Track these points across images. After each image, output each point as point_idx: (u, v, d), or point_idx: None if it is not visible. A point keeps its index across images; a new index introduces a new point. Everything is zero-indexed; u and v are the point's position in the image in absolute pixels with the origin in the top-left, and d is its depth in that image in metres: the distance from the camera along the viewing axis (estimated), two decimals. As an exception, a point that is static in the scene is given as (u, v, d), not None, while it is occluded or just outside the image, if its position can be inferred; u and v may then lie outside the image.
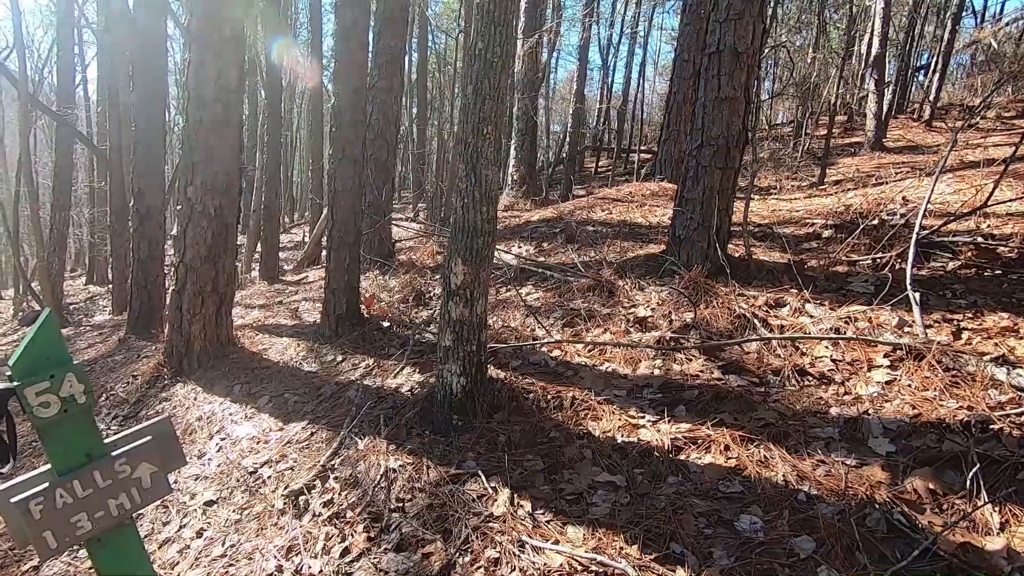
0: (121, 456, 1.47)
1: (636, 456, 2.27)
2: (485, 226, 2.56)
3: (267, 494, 2.47)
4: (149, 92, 5.15)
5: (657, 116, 21.96)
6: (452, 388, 2.62)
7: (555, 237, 5.24)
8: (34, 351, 1.36)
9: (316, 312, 4.78)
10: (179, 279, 3.62)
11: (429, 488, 2.26)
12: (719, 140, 3.67)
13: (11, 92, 22.39)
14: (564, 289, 3.91)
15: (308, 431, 2.88)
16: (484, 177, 2.54)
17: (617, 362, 2.98)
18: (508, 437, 2.48)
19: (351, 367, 3.48)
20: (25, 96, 8.75)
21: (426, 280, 4.68)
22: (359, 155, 3.64)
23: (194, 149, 3.46)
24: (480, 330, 2.64)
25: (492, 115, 2.52)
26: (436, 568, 1.89)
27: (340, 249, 3.74)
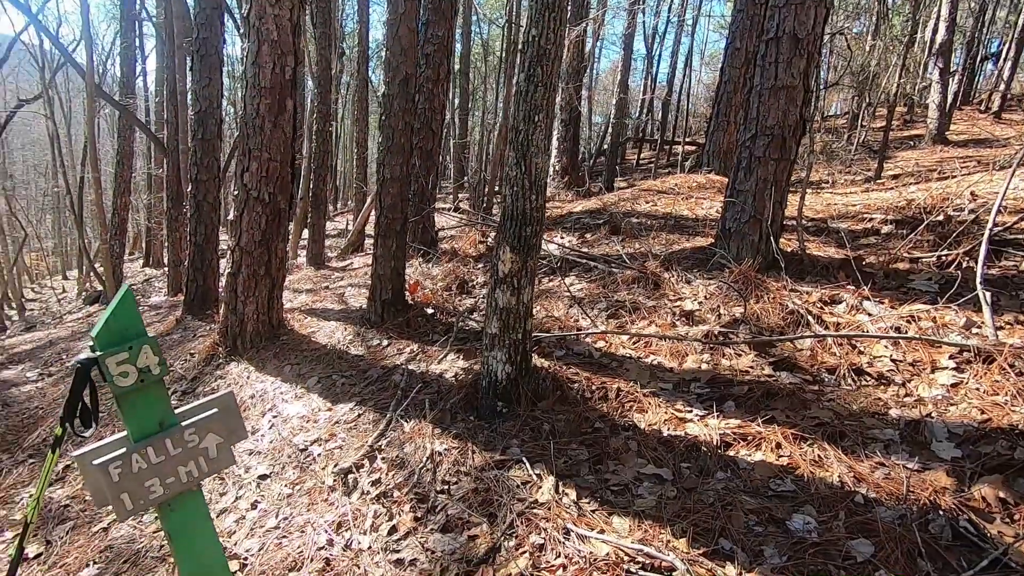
0: (191, 426, 1.55)
1: (683, 450, 2.24)
2: (534, 214, 2.56)
3: (317, 471, 2.56)
4: (206, 82, 5.34)
5: (702, 107, 21.39)
6: (497, 375, 2.64)
7: (598, 228, 5.19)
8: (115, 323, 1.44)
9: (361, 297, 4.89)
10: (234, 262, 3.76)
11: (474, 472, 2.29)
12: (774, 130, 3.55)
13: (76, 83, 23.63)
14: (608, 280, 3.87)
15: (356, 412, 2.96)
16: (534, 165, 2.53)
17: (663, 355, 2.94)
18: (552, 426, 2.49)
19: (396, 352, 3.55)
20: (92, 87, 9.19)
21: (469, 269, 4.71)
22: (407, 144, 3.69)
23: (250, 137, 3.57)
24: (526, 318, 2.64)
25: (544, 103, 2.51)
26: (482, 550, 1.92)
27: (387, 236, 3.80)
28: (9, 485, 3.15)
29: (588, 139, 20.09)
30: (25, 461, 3.38)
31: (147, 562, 2.27)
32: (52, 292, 21.36)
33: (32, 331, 11.28)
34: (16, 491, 3.07)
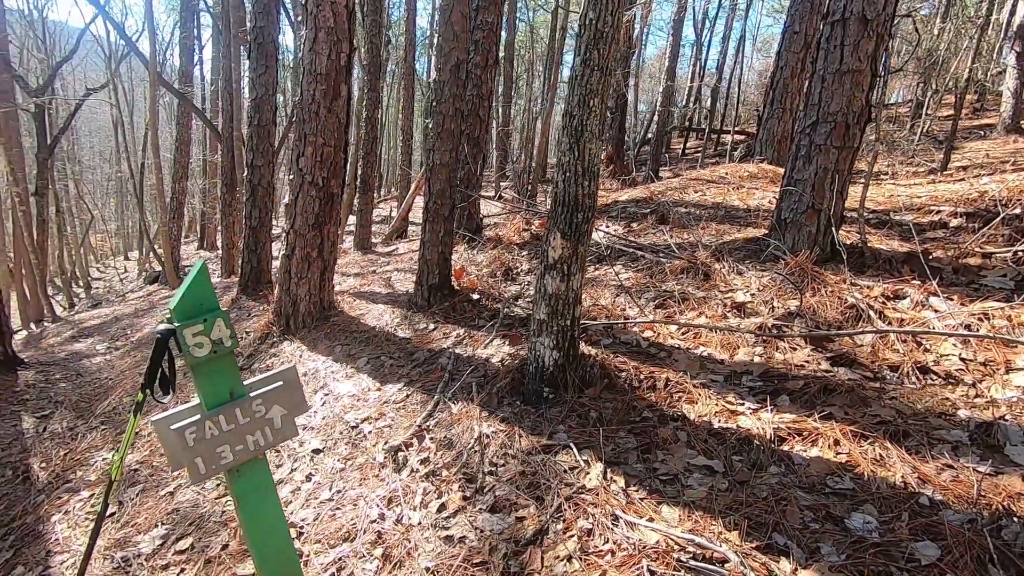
0: (258, 397, 1.62)
1: (734, 443, 2.20)
2: (586, 200, 2.54)
3: (368, 447, 2.63)
4: (262, 70, 5.50)
5: (752, 95, 20.66)
6: (544, 361, 2.65)
7: (645, 218, 5.11)
8: (190, 297, 1.51)
9: (407, 282, 4.98)
10: (289, 244, 3.89)
11: (521, 455, 2.31)
12: (837, 117, 3.40)
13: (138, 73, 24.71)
14: (656, 270, 3.81)
15: (404, 393, 3.03)
16: (588, 151, 2.51)
17: (713, 346, 2.88)
18: (600, 413, 2.48)
19: (442, 335, 3.60)
20: (154, 75, 9.61)
21: (513, 256, 4.72)
22: (456, 130, 3.71)
23: (306, 122, 3.67)
24: (575, 305, 2.63)
25: (599, 87, 2.48)
26: (529, 532, 1.94)
27: (435, 221, 3.85)
28: (84, 448, 3.37)
29: (632, 128, 19.73)
30: (98, 427, 3.61)
31: (210, 526, 2.39)
32: (115, 272, 22.63)
33: (98, 308, 11.99)
34: (90, 454, 3.28)
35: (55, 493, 2.97)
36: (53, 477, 3.16)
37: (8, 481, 3.23)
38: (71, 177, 23.28)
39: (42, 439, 3.65)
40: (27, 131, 15.21)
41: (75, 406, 4.04)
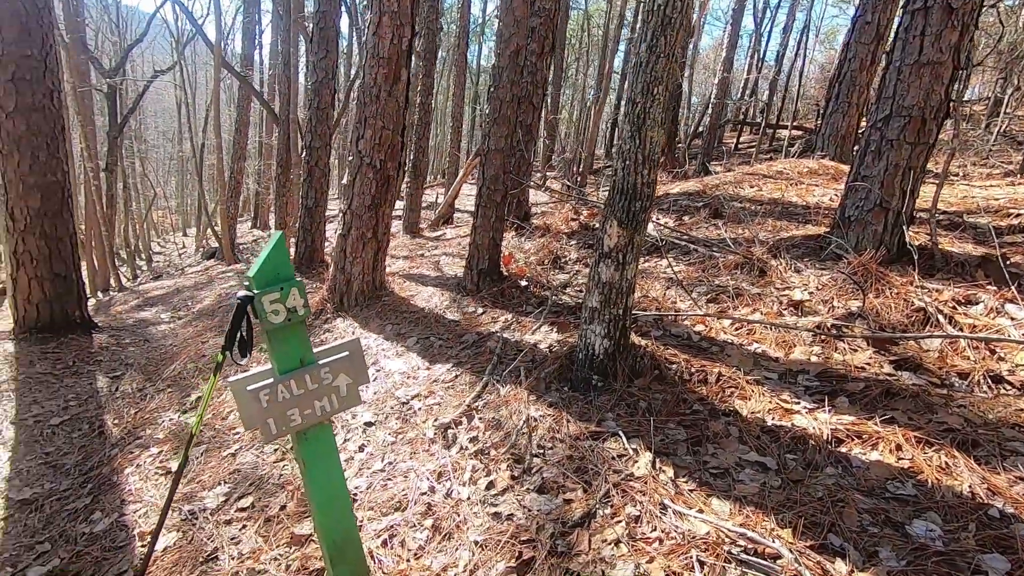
0: (326, 365, 1.69)
1: (788, 441, 2.16)
2: (645, 190, 2.52)
3: (418, 423, 2.71)
4: (323, 54, 5.64)
5: (811, 89, 19.77)
6: (595, 349, 2.65)
7: (698, 211, 5.01)
8: (269, 266, 1.59)
9: (455, 266, 5.05)
10: (345, 224, 4.00)
11: (569, 440, 2.33)
12: (913, 110, 3.23)
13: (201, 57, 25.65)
14: (709, 264, 3.75)
15: (453, 373, 3.09)
16: (649, 139, 2.48)
17: (767, 344, 2.82)
18: (649, 404, 2.47)
19: (490, 320, 3.65)
20: (219, 59, 9.99)
21: (562, 245, 4.72)
22: (512, 116, 3.72)
23: (366, 105, 3.75)
24: (628, 294, 2.62)
25: (664, 75, 2.44)
26: (577, 515, 1.96)
27: (487, 207, 3.89)
28: (152, 409, 3.59)
29: (684, 120, 19.25)
30: (164, 390, 3.83)
31: (269, 487, 2.52)
32: (174, 246, 23.79)
33: (160, 279, 12.64)
34: (158, 414, 3.49)
35: (127, 448, 3.19)
36: (125, 433, 3.38)
37: (85, 435, 3.48)
38: (137, 155, 24.47)
39: (114, 398, 3.90)
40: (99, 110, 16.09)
41: (143, 369, 4.30)
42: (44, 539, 2.56)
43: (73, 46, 11.10)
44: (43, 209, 4.61)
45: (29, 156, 4.47)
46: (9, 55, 4.28)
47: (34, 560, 2.42)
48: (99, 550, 2.36)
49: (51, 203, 4.65)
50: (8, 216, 4.60)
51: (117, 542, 2.38)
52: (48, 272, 4.69)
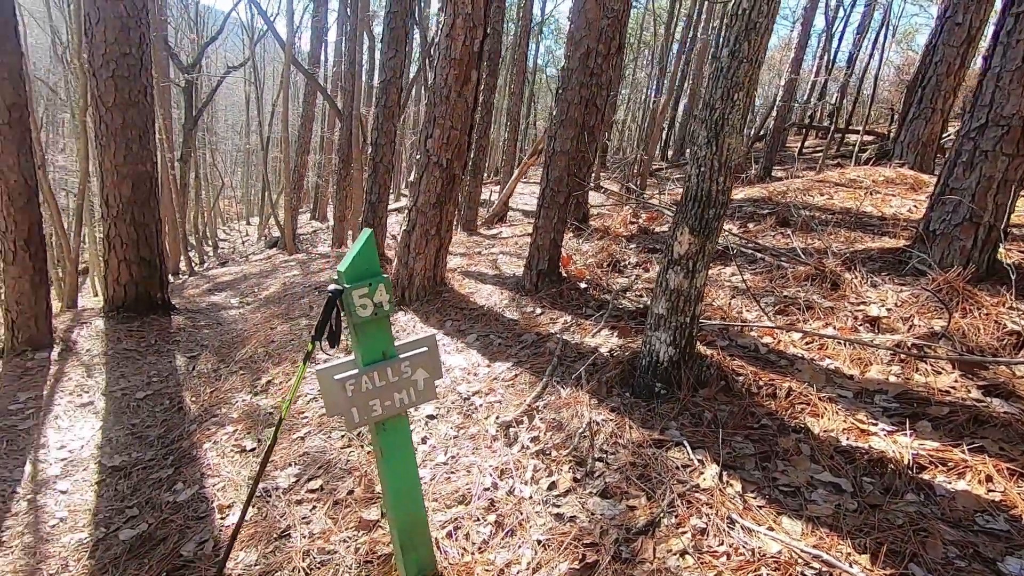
0: (406, 359, 1.75)
1: (865, 463, 2.07)
2: (720, 197, 2.47)
3: (479, 419, 2.76)
4: (392, 53, 5.80)
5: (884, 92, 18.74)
6: (659, 356, 2.63)
7: (764, 218, 4.86)
8: (359, 262, 1.66)
9: (513, 265, 5.10)
10: (410, 221, 4.11)
11: (631, 446, 2.33)
12: (1013, 120, 3.03)
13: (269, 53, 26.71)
14: (776, 274, 3.64)
15: (513, 372, 3.13)
16: (726, 146, 2.43)
17: (841, 360, 2.72)
18: (714, 415, 2.43)
19: (549, 321, 3.67)
20: (290, 56, 10.43)
21: (621, 248, 4.69)
22: (580, 118, 3.72)
23: (436, 105, 3.84)
24: (696, 303, 2.58)
25: (745, 81, 2.39)
26: (641, 522, 1.96)
27: (550, 208, 3.90)
28: (226, 389, 3.80)
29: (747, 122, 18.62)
30: (237, 372, 4.05)
31: (336, 471, 2.63)
32: (238, 234, 24.99)
33: (226, 266, 13.32)
34: (232, 395, 3.70)
35: (204, 425, 3.39)
36: (202, 411, 3.60)
37: (166, 409, 3.72)
38: (208, 146, 25.80)
39: (191, 376, 4.16)
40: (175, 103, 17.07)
41: (217, 351, 4.56)
42: (132, 504, 2.76)
43: (156, 43, 11.82)
44: (133, 197, 4.95)
45: (124, 147, 4.81)
46: (110, 53, 4.62)
47: (124, 523, 2.62)
48: (182, 519, 2.53)
49: (140, 192, 4.98)
50: (103, 203, 4.97)
51: (199, 512, 2.55)
52: (135, 256, 5.03)
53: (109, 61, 4.61)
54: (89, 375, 4.10)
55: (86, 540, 2.54)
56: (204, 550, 2.31)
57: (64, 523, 2.68)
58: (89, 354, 4.41)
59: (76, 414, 3.62)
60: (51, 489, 2.92)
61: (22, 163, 4.02)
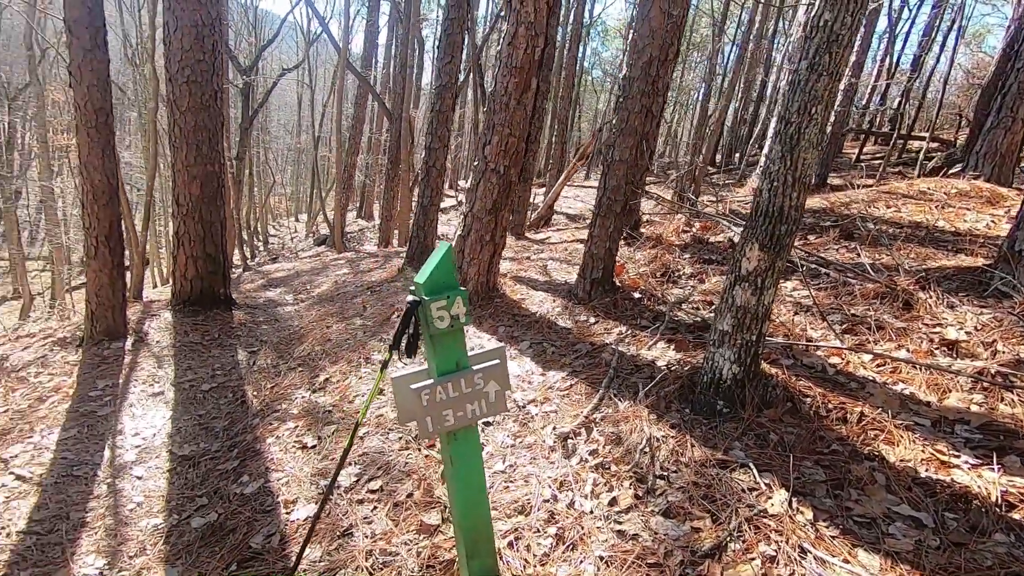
0: (479, 371, 1.78)
1: (947, 498, 1.98)
2: (792, 213, 2.41)
3: (536, 429, 2.77)
4: (448, 59, 5.88)
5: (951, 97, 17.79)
6: (722, 373, 2.58)
7: (826, 231, 4.69)
8: (438, 275, 1.69)
9: (563, 272, 5.09)
10: (465, 226, 4.16)
11: (694, 465, 2.29)
12: (1114, 135, 2.83)
13: (321, 56, 27.47)
14: (842, 291, 3.51)
15: (568, 382, 3.13)
16: (802, 161, 2.37)
17: (915, 385, 2.60)
18: (781, 437, 2.37)
19: (603, 330, 3.65)
20: (344, 59, 10.72)
21: (674, 257, 4.61)
22: (640, 127, 3.69)
23: (495, 113, 3.88)
24: (763, 320, 2.52)
25: (825, 94, 2.32)
26: (706, 545, 1.92)
27: (606, 216, 3.88)
28: (286, 385, 3.94)
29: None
30: (295, 368, 4.19)
31: (395, 473, 2.69)
32: (287, 231, 25.85)
33: (277, 262, 13.79)
34: (291, 391, 3.83)
35: (266, 419, 3.52)
36: (263, 405, 3.74)
37: (230, 402, 3.89)
38: (262, 145, 26.77)
39: (252, 371, 4.33)
40: (232, 103, 17.80)
41: (276, 347, 4.73)
42: (202, 493, 2.90)
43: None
44: (202, 196, 5.19)
45: (194, 149, 5.04)
46: (186, 60, 4.86)
47: (195, 511, 2.75)
48: (250, 511, 2.63)
49: (208, 191, 5.22)
50: (174, 201, 5.23)
51: (265, 506, 2.65)
52: (202, 252, 5.27)
53: (184, 67, 4.85)
54: (159, 366, 4.32)
55: (161, 525, 2.68)
56: (272, 543, 2.40)
57: (140, 508, 2.83)
58: (159, 345, 4.65)
59: (148, 403, 3.82)
60: (128, 474, 3.10)
61: (105, 164, 4.27)
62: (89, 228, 4.37)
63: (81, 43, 4.03)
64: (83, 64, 4.03)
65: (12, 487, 2.94)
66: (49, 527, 2.67)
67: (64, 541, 2.56)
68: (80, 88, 4.08)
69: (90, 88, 4.08)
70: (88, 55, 4.05)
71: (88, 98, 4.08)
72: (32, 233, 25.91)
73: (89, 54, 4.03)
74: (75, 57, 4.03)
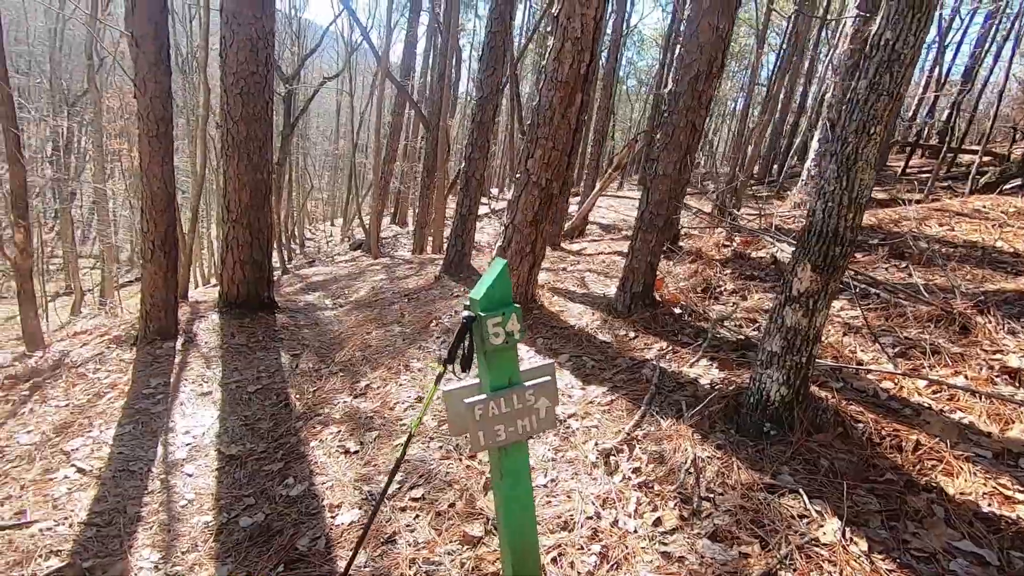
0: (530, 387, 1.80)
1: (1012, 535, 1.90)
2: (847, 234, 2.36)
3: (577, 444, 2.77)
4: (490, 71, 5.96)
5: (1006, 110, 17.07)
6: (769, 395, 2.53)
7: (874, 248, 4.57)
8: (494, 292, 1.73)
9: (600, 284, 5.08)
10: (506, 238, 4.20)
11: (740, 488, 2.25)
12: None
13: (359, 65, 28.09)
14: (894, 313, 3.41)
15: (608, 397, 3.12)
16: (858, 181, 2.32)
17: (975, 414, 2.51)
18: (831, 463, 2.31)
19: (644, 345, 3.62)
20: (385, 69, 10.95)
21: (715, 273, 4.55)
22: (685, 142, 3.67)
23: (539, 127, 3.91)
24: (814, 343, 2.47)
25: (884, 114, 2.28)
26: (755, 572, 1.89)
27: (648, 231, 3.87)
28: (328, 389, 4.03)
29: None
30: (337, 373, 4.28)
31: (436, 482, 2.72)
32: (323, 235, 26.44)
33: (314, 265, 14.11)
34: (333, 395, 3.91)
35: (309, 423, 3.61)
36: (306, 408, 3.83)
37: (274, 404, 4.00)
38: (301, 151, 27.49)
39: (295, 374, 4.44)
40: (275, 111, 18.38)
41: (317, 351, 4.84)
42: (249, 493, 2.99)
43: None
44: (251, 203, 5.37)
45: (245, 158, 5.23)
46: (240, 72, 5.05)
47: (243, 511, 2.83)
48: (296, 513, 2.70)
49: (257, 198, 5.40)
50: (224, 207, 5.43)
51: (310, 509, 2.71)
52: (249, 257, 5.45)
53: (239, 79, 5.04)
54: (208, 366, 4.47)
55: (211, 523, 2.77)
56: (317, 546, 2.46)
57: (191, 505, 2.93)
58: (207, 346, 4.81)
59: (198, 402, 3.96)
60: (179, 471, 3.21)
61: (164, 171, 4.47)
62: (147, 233, 4.58)
63: (147, 57, 4.24)
64: (147, 77, 4.23)
65: (74, 479, 3.09)
66: (108, 519, 2.79)
67: (122, 534, 2.67)
68: (143, 99, 4.29)
69: (152, 99, 4.28)
70: (152, 69, 4.26)
71: (151, 109, 4.29)
72: (84, 232, 27.16)
73: (153, 68, 4.24)
74: (140, 70, 4.25)
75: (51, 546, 2.56)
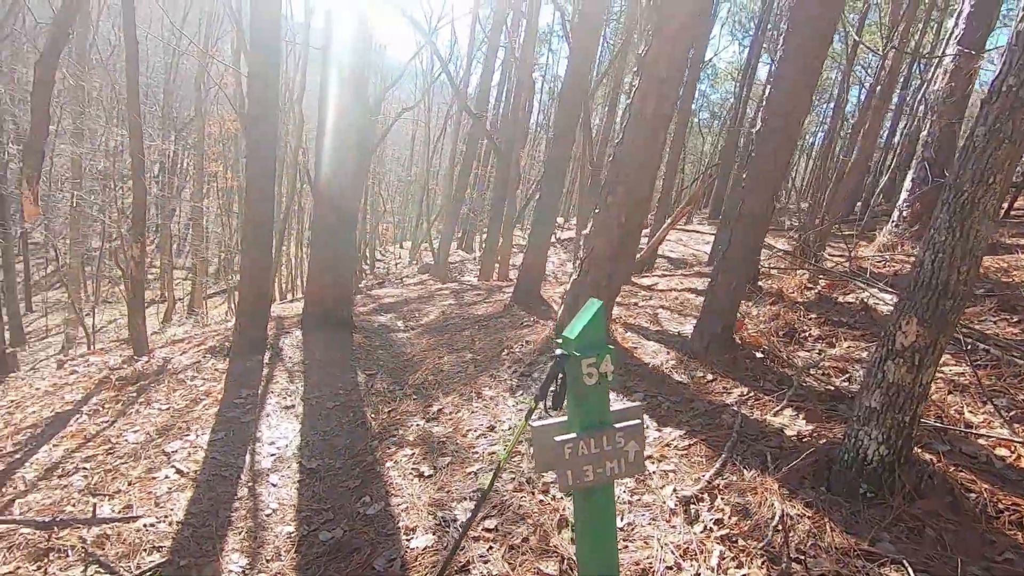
0: (620, 430, 1.79)
1: None
2: (960, 288, 2.22)
3: (653, 488, 2.71)
4: (570, 106, 6.10)
5: None
6: (867, 453, 2.39)
7: (979, 300, 4.23)
8: (590, 333, 1.75)
9: (675, 322, 4.99)
10: (583, 271, 4.23)
11: (834, 553, 2.12)
12: None
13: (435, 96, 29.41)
14: (1007, 372, 3.13)
15: (686, 441, 3.04)
16: (973, 232, 2.19)
17: (1110, 494, 2.25)
18: (939, 535, 2.14)
19: (722, 389, 3.51)
20: (463, 101, 11.43)
21: (798, 316, 4.36)
22: (774, 182, 3.59)
23: (623, 164, 3.95)
24: (920, 401, 2.32)
25: (1005, 163, 2.15)
26: (855, 646, 1.76)
27: (730, 271, 3.78)
28: (402, 411, 4.16)
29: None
30: (410, 395, 4.41)
31: (509, 515, 2.72)
32: (392, 256, 27.48)
33: (384, 287, 14.64)
34: (406, 417, 4.03)
35: (384, 443, 3.73)
36: (381, 428, 3.96)
37: (351, 422, 4.16)
38: (375, 176, 28.86)
39: (370, 393, 4.61)
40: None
41: (391, 372, 5.01)
42: (328, 507, 3.11)
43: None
44: (336, 227, 5.71)
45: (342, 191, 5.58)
46: (344, 106, 5.42)
47: (322, 524, 2.95)
48: (373, 532, 2.78)
49: (343, 223, 5.73)
50: (311, 229, 5.79)
51: (387, 529, 2.79)
52: (331, 279, 5.77)
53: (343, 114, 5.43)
54: (291, 380, 4.73)
55: (293, 534, 2.90)
56: (393, 568, 2.51)
57: (275, 514, 3.08)
58: (291, 361, 5.10)
59: (282, 415, 4.19)
60: (265, 481, 3.39)
61: (265, 198, 4.85)
62: (245, 253, 4.95)
63: (255, 92, 4.66)
64: (259, 116, 4.65)
65: (173, 479, 3.33)
66: (202, 520, 2.98)
67: (215, 536, 2.84)
68: (254, 133, 4.71)
69: (262, 135, 4.68)
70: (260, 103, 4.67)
71: (259, 143, 4.69)
72: (179, 246, 29.58)
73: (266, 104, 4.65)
74: (252, 109, 4.67)
75: (153, 542, 2.77)
